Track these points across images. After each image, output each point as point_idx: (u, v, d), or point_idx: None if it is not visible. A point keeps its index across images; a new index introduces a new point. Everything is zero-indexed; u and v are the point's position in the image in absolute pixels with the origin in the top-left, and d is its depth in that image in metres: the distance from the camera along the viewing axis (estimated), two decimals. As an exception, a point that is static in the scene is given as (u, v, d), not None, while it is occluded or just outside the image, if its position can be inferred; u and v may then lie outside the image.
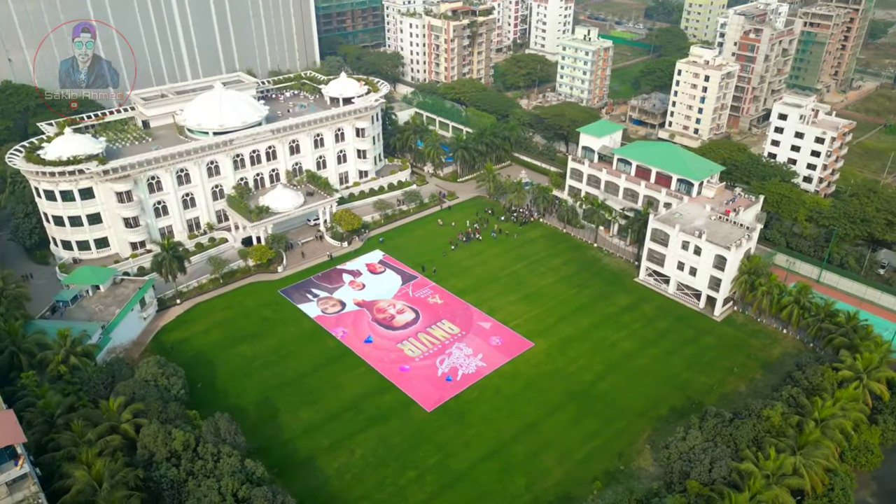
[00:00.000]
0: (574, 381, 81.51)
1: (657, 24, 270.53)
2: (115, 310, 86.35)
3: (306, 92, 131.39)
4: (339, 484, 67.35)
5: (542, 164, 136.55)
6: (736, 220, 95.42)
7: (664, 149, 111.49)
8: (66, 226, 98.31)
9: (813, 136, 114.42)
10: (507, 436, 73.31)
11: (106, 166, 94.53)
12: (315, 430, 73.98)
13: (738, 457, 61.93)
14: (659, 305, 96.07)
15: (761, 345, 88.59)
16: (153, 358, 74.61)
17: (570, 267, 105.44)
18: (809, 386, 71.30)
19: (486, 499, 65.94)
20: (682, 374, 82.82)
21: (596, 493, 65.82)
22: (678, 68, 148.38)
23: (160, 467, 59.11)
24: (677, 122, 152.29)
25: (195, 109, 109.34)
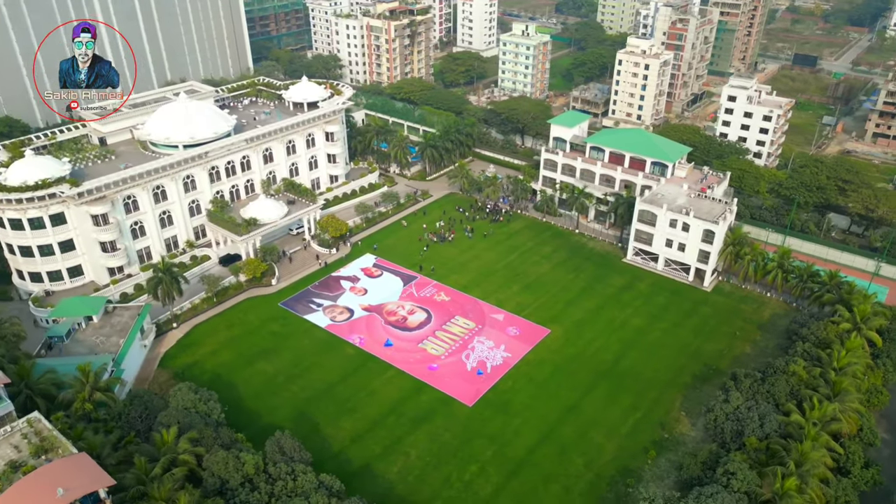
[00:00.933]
0: (598, 361, 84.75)
1: (569, 19, 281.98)
2: (118, 340, 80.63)
3: (265, 99, 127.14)
4: (405, 487, 66.77)
5: (505, 157, 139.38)
6: (713, 197, 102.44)
7: (635, 134, 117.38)
8: (36, 256, 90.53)
9: (761, 115, 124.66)
10: (553, 419, 75.33)
11: (80, 188, 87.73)
12: (362, 438, 72.74)
13: (781, 411, 67.20)
14: (652, 282, 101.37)
15: (751, 309, 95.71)
16: (184, 384, 70.58)
17: (560, 254, 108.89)
18: (817, 340, 78.08)
19: (552, 481, 67.63)
20: (693, 343, 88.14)
21: (651, 462, 69.29)
22: (619, 58, 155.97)
23: (238, 494, 56.52)
24: (620, 109, 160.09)
25: (160, 122, 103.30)
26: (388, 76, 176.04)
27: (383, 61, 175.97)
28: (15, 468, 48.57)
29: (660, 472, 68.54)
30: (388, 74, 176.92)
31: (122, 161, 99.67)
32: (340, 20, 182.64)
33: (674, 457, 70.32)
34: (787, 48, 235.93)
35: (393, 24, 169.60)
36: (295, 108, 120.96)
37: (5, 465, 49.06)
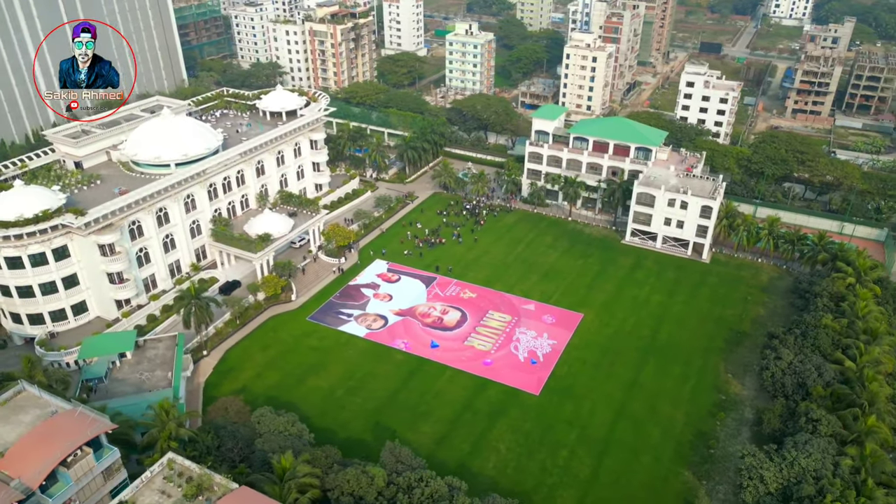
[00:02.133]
0: (637, 338, 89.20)
1: (483, 17, 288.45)
2: (164, 373, 75.52)
3: (236, 110, 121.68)
4: (507, 480, 67.49)
5: (477, 154, 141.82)
6: (699, 175, 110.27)
7: (616, 122, 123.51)
8: (37, 295, 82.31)
9: (718, 98, 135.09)
10: (619, 397, 78.73)
11: (87, 217, 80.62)
12: (446, 439, 72.62)
13: (830, 360, 74.34)
14: (656, 260, 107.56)
15: (750, 275, 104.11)
16: (265, 409, 67.58)
17: (562, 242, 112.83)
18: (831, 295, 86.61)
19: (640, 453, 70.87)
20: (713, 311, 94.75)
21: (721, 423, 74.40)
22: (567, 52, 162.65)
23: (380, 508, 55.20)
24: (570, 101, 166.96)
25: (145, 141, 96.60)
26: (336, 81, 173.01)
27: (330, 66, 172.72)
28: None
29: (732, 430, 73.73)
30: (335, 79, 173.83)
31: (109, 185, 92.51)
32: (279, 26, 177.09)
33: (737, 415, 75.91)
34: (690, 38, 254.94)
35: (339, 28, 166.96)
36: (272, 118, 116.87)
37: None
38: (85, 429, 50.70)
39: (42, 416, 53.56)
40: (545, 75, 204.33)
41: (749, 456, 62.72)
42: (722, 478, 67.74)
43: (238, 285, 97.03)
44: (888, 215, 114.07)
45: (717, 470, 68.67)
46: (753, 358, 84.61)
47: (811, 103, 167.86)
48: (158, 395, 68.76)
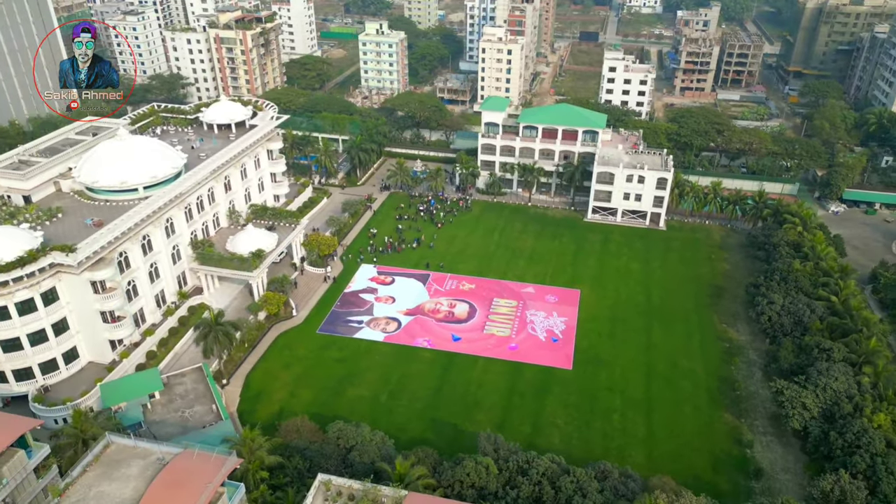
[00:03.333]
0: (635, 304, 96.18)
1: (364, 17, 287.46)
2: (203, 408, 70.59)
3: (177, 125, 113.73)
4: (577, 451, 70.38)
5: (419, 151, 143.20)
6: (645, 151, 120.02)
7: (560, 109, 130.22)
8: (26, 347, 73.17)
9: (638, 80, 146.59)
10: (642, 360, 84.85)
11: (81, 253, 72.89)
12: (506, 423, 74.41)
13: (814, 297, 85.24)
14: (621, 233, 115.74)
15: (704, 236, 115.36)
16: (338, 422, 65.96)
17: (532, 226, 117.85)
18: (787, 243, 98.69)
19: (681, 405, 77.29)
20: (688, 272, 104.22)
21: (736, 366, 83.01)
22: (482, 46, 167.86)
23: (505, 496, 56.41)
24: (488, 94, 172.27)
25: (103, 166, 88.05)
26: (249, 89, 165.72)
27: (241, 74, 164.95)
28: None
29: (746, 372, 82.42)
30: (247, 87, 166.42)
31: (74, 218, 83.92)
32: (178, 34, 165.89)
33: (745, 359, 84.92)
34: (566, 28, 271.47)
35: (248, 33, 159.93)
36: (221, 131, 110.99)
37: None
38: (215, 468, 47.20)
39: (149, 465, 48.95)
40: (448, 71, 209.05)
41: (785, 389, 70.93)
42: (756, 413, 75.89)
43: None
44: (796, 172, 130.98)
45: (749, 408, 76.75)
46: (737, 307, 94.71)
47: (696, 81, 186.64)
48: (218, 429, 64.42)
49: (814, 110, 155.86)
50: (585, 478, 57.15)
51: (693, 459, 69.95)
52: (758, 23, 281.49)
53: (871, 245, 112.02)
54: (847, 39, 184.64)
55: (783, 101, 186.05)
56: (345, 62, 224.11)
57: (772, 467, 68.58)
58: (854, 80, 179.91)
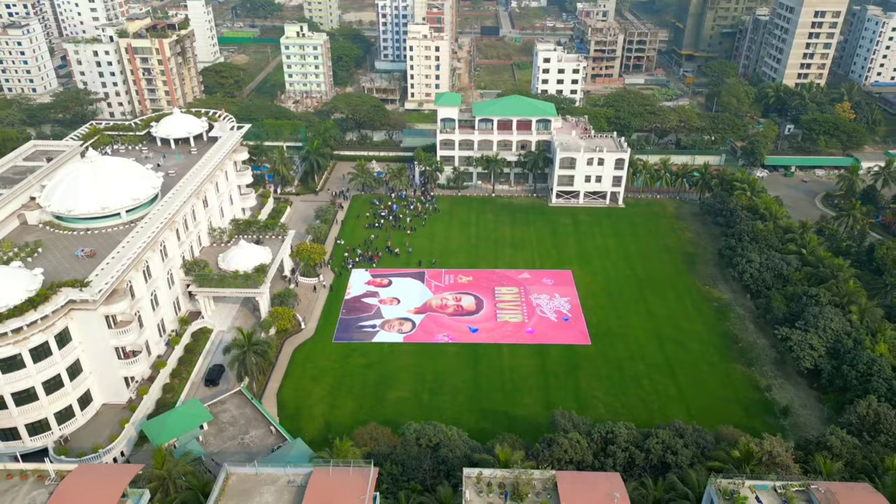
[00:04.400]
0: (624, 278, 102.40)
1: (256, 21, 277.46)
2: (259, 432, 67.70)
3: (128, 143, 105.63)
4: (624, 418, 73.96)
5: (369, 153, 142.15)
6: (596, 135, 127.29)
7: (512, 101, 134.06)
8: (41, 397, 66.22)
9: (571, 69, 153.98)
10: (649, 327, 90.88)
11: (96, 286, 66.98)
12: (551, 403, 76.55)
13: (785, 252, 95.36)
14: (586, 213, 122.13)
15: (659, 209, 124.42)
16: (411, 423, 65.79)
17: (504, 216, 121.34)
18: (746, 207, 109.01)
19: (697, 363, 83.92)
20: (659, 242, 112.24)
21: (732, 321, 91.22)
22: (409, 45, 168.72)
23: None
24: (419, 91, 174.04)
25: (77, 193, 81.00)
26: (170, 101, 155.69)
27: (160, 85, 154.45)
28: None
29: (740, 325, 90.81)
30: (167, 99, 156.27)
31: (57, 251, 76.77)
32: (83, 46, 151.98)
33: (735, 314, 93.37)
34: (465, 23, 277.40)
35: (165, 41, 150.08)
36: (178, 145, 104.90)
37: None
38: (361, 480, 46.18)
39: (283, 489, 46.92)
40: (363, 71, 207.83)
41: (791, 335, 79.36)
42: (761, 361, 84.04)
43: (223, 370, 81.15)
44: (720, 144, 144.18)
45: (754, 357, 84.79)
46: (712, 270, 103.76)
47: (605, 68, 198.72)
48: (294, 448, 62.01)
49: (717, 88, 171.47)
50: (669, 437, 61.35)
51: (725, 409, 76.55)
52: (634, 12, 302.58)
53: (799, 203, 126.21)
54: (730, 23, 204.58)
55: (681, 83, 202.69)
56: (252, 67, 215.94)
57: (792, 405, 76.66)
58: (741, 59, 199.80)
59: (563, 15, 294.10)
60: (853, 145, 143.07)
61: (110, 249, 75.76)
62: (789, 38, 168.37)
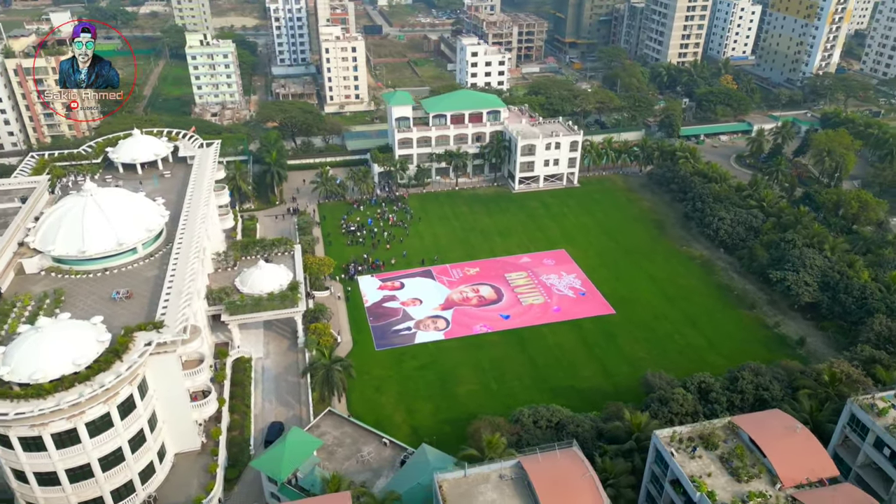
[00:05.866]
0: (613, 250, 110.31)
1: (112, 31, 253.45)
2: (373, 447, 65.71)
3: (83, 173, 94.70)
4: (674, 374, 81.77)
5: (315, 160, 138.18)
6: (543, 121, 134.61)
7: (461, 95, 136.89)
8: (127, 457, 59.49)
9: (497, 62, 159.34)
10: (655, 289, 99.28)
11: (172, 327, 61.18)
12: (606, 372, 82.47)
13: (747, 205, 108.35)
14: (551, 196, 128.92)
15: (612, 185, 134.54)
16: (518, 411, 67.94)
17: (477, 207, 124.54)
18: (696, 172, 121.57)
19: (711, 312, 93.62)
20: (626, 214, 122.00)
21: (719, 275, 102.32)
22: (325, 47, 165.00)
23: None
24: (338, 94, 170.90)
25: (90, 231, 72.28)
26: (72, 125, 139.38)
27: (59, 107, 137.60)
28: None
29: (727, 277, 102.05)
30: (69, 123, 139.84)
31: (79, 297, 68.82)
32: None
33: (719, 267, 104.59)
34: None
35: (62, 60, 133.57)
36: (145, 170, 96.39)
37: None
38: (575, 460, 47.94)
39: (497, 484, 47.34)
40: (258, 78, 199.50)
41: (787, 276, 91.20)
42: (758, 304, 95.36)
43: (282, 426, 74.11)
44: (639, 121, 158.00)
45: (751, 301, 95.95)
46: (681, 232, 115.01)
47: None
48: (429, 453, 61.22)
49: (612, 71, 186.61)
50: (752, 376, 69.06)
51: (750, 349, 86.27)
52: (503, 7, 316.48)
53: (718, 165, 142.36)
54: (606, 11, 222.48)
55: (569, 68, 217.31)
56: (129, 81, 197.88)
57: (805, 333, 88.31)
58: (620, 43, 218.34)
59: (434, 11, 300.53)
60: (742, 112, 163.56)
61: (142, 288, 69.38)
62: (668, 22, 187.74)
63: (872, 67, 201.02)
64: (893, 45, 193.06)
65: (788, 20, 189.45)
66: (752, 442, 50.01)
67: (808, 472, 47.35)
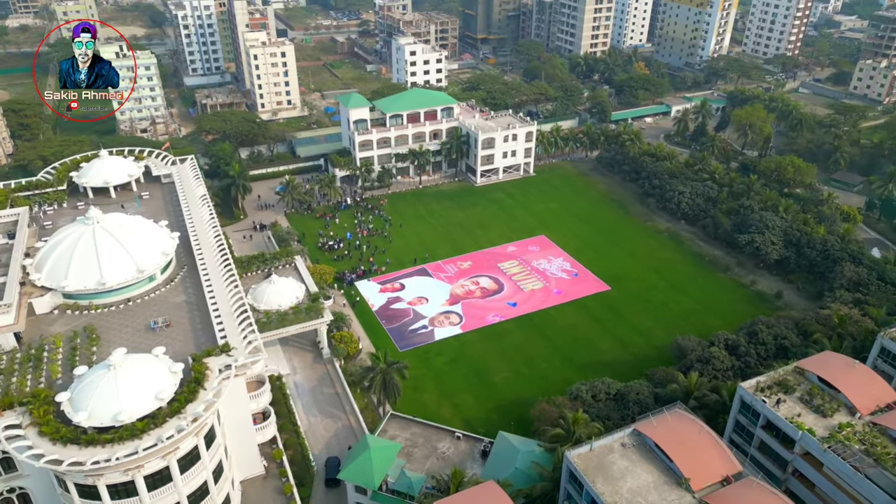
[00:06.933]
0: (586, 231, 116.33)
1: None
2: (445, 442, 66.34)
3: (48, 201, 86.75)
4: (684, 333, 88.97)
5: (269, 169, 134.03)
6: (495, 115, 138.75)
7: (413, 94, 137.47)
8: (211, 490, 56.66)
9: (435, 59, 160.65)
10: (637, 263, 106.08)
11: (242, 349, 58.71)
12: (625, 341, 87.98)
13: (700, 179, 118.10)
14: (513, 186, 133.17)
15: (563, 171, 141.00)
16: (578, 384, 70.89)
17: (446, 203, 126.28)
18: (645, 153, 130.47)
19: (693, 279, 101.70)
20: (588, 196, 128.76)
21: (687, 245, 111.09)
22: (254, 53, 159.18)
23: (748, 361, 72.62)
24: (268, 101, 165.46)
25: (107, 261, 66.99)
26: None
27: None
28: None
29: (697, 246, 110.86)
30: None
31: (109, 332, 64.30)
32: None
33: (685, 237, 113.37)
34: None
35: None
36: (118, 192, 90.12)
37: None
38: (688, 421, 51.80)
39: (624, 452, 50.22)
40: (171, 89, 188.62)
41: (755, 238, 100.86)
42: (729, 266, 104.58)
43: (339, 461, 70.48)
44: (570, 110, 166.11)
45: (723, 265, 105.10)
46: (641, 209, 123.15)
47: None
48: (512, 440, 62.99)
49: (531, 64, 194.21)
50: (767, 328, 76.68)
51: (739, 306, 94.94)
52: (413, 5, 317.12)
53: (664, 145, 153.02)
54: (514, 7, 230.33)
55: (485, 63, 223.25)
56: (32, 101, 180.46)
57: (779, 287, 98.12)
58: (531, 37, 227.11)
59: (332, 13, 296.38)
60: (659, 95, 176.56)
61: (176, 315, 65.73)
62: (580, 15, 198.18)
63: (753, 49, 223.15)
64: (770, 28, 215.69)
65: (682, 9, 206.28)
66: (821, 381, 56.25)
67: (877, 399, 54.18)
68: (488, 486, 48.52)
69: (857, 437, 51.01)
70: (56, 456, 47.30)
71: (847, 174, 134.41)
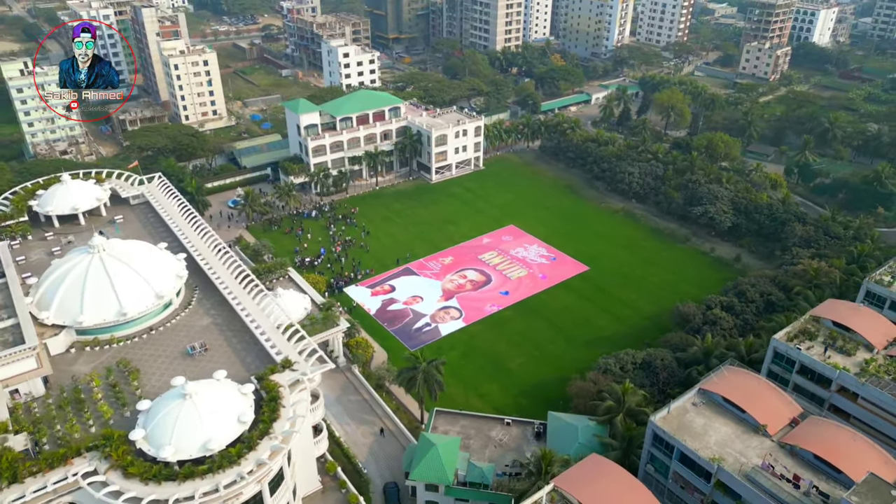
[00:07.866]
0: (553, 219, 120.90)
1: None
2: (500, 431, 67.83)
3: (12, 233, 79.14)
4: (669, 302, 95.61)
5: (215, 182, 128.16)
6: (441, 112, 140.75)
7: (360, 95, 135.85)
8: None
9: (368, 60, 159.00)
10: (606, 243, 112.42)
11: (302, 364, 57.34)
12: (620, 316, 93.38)
13: (645, 159, 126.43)
14: (468, 180, 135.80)
15: (509, 162, 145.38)
16: (597, 363, 74.77)
17: (408, 202, 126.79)
18: (589, 139, 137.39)
19: (660, 251, 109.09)
20: (542, 183, 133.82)
21: (644, 220, 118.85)
22: (174, 63, 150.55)
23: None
24: (193, 112, 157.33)
25: (125, 291, 62.89)
26: None
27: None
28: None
29: (651, 219, 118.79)
30: None
31: (141, 364, 60.81)
32: None
33: (643, 214, 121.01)
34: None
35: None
36: (87, 218, 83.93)
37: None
38: (752, 377, 56.74)
39: (698, 412, 54.53)
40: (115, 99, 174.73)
41: (708, 209, 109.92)
42: (685, 237, 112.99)
43: (397, 486, 68.34)
44: (504, 104, 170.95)
45: (680, 236, 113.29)
46: (591, 192, 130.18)
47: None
48: (567, 418, 65.69)
49: (451, 61, 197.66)
50: (752, 287, 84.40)
51: (707, 273, 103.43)
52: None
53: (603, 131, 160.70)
54: (423, 6, 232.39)
55: (400, 63, 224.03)
56: None
57: (735, 252, 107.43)
58: (442, 35, 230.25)
59: (226, 18, 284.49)
60: (578, 85, 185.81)
61: (208, 338, 62.90)
62: (493, 12, 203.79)
63: (646, 38, 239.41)
64: (661, 18, 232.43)
65: (585, 3, 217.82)
66: (835, 325, 63.37)
67: (886, 335, 61.95)
68: (595, 459, 50.84)
69: (882, 369, 58.16)
70: (154, 496, 44.46)
71: (760, 146, 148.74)
